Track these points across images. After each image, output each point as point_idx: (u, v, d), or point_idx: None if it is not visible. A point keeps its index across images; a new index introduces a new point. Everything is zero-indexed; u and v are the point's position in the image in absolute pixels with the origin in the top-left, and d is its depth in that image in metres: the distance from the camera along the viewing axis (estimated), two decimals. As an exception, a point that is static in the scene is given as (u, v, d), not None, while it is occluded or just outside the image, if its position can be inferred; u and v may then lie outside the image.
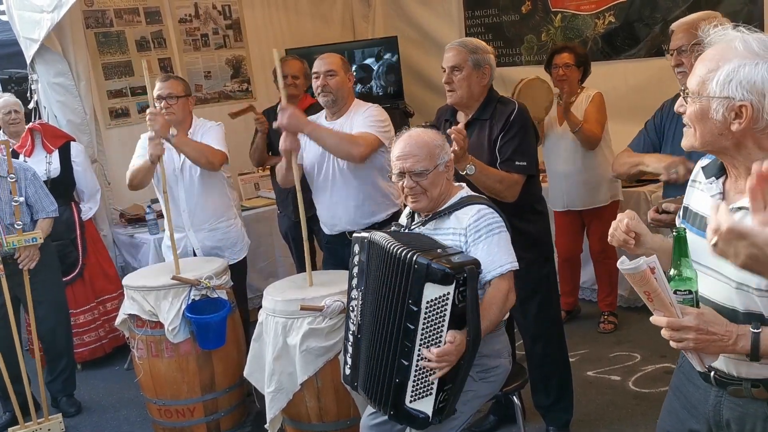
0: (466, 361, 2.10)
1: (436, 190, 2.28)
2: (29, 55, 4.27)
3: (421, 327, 2.07)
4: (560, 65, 3.88)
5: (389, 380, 2.15)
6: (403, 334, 2.10)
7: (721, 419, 1.54)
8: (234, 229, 3.65)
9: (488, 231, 2.21)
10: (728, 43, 1.39)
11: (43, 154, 4.06)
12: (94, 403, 3.89)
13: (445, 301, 2.05)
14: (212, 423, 3.32)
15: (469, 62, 2.73)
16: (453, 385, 2.12)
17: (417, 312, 2.06)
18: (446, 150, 2.30)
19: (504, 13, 5.33)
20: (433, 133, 2.33)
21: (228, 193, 3.67)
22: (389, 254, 2.16)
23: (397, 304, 2.12)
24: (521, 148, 2.70)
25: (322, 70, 3.07)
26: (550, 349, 2.98)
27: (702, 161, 1.63)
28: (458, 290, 2.03)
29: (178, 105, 3.40)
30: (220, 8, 5.40)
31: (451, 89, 2.75)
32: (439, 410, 2.12)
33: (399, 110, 5.42)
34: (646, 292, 1.39)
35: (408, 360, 2.10)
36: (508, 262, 2.22)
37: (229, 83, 5.46)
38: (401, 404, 2.13)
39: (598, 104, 3.89)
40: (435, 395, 2.10)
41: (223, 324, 3.19)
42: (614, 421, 3.20)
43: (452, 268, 2.02)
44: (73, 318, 4.17)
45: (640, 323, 4.18)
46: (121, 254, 4.60)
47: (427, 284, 2.04)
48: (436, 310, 2.07)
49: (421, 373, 2.11)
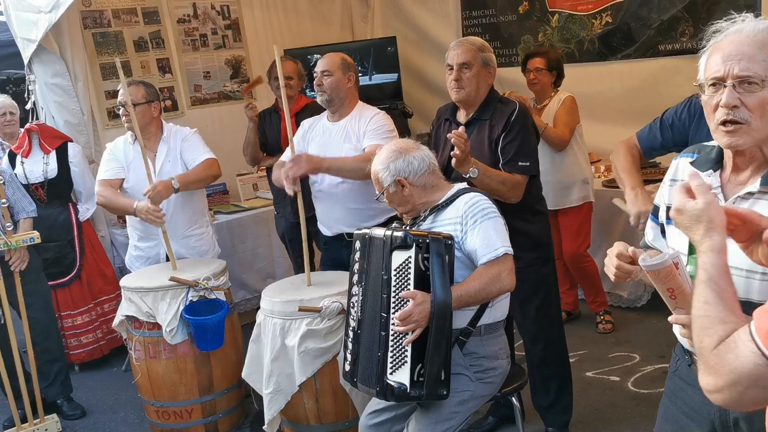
0: (435, 326, 2.10)
1: (402, 207, 2.38)
2: (27, 55, 4.27)
3: (393, 295, 2.15)
4: (532, 69, 3.99)
5: (375, 356, 2.19)
6: (381, 307, 2.18)
7: (728, 420, 1.52)
8: (206, 237, 3.65)
9: (483, 216, 2.24)
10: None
11: (40, 155, 4.05)
12: (91, 405, 3.87)
13: (408, 265, 2.14)
14: (210, 425, 3.32)
15: (479, 60, 2.73)
16: (427, 352, 2.11)
17: (388, 280, 2.16)
18: (392, 170, 2.32)
19: (501, 14, 5.33)
20: (380, 157, 2.38)
21: (203, 200, 3.68)
22: (381, 241, 2.22)
23: (381, 283, 2.18)
24: (523, 148, 2.70)
25: (319, 69, 3.09)
26: (549, 349, 2.98)
27: (683, 158, 1.61)
28: (421, 255, 2.11)
29: (137, 112, 3.31)
30: (218, 8, 5.39)
31: (460, 86, 2.73)
32: (418, 382, 2.12)
33: (397, 111, 5.41)
34: (669, 290, 1.36)
35: (385, 331, 2.16)
36: (503, 245, 2.23)
37: (229, 83, 5.46)
38: (383, 378, 2.16)
39: (568, 107, 3.96)
40: (410, 364, 2.12)
41: (221, 325, 3.18)
42: (613, 422, 3.20)
43: (414, 235, 2.13)
44: (71, 319, 4.17)
45: (639, 324, 4.19)
46: (118, 255, 4.58)
47: (394, 252, 2.16)
48: (402, 276, 2.15)
49: (396, 342, 2.15)
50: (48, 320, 3.68)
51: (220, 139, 4.88)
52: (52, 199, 4.05)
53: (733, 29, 1.40)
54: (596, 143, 4.67)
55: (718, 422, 1.55)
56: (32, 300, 3.44)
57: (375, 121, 3.06)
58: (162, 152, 3.48)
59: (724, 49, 1.39)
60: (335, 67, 3.08)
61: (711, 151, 1.56)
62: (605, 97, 4.72)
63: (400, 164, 2.33)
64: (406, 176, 2.32)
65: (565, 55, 4.94)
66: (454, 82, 2.74)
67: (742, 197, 1.44)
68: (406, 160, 2.34)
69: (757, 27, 1.38)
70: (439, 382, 2.14)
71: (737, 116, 1.38)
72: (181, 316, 3.13)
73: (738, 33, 1.39)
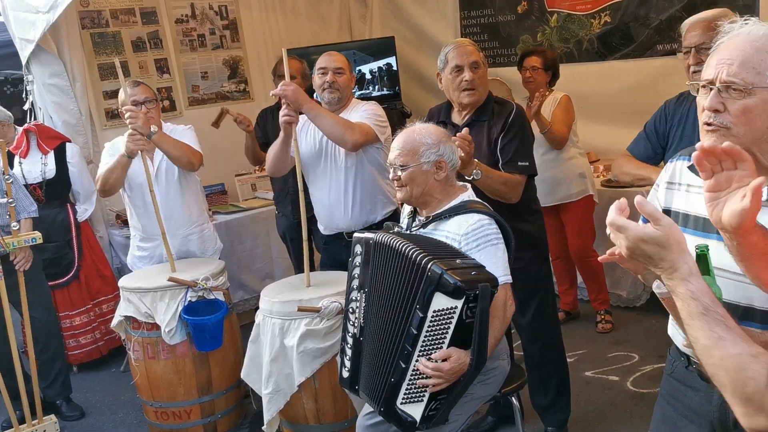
0: (465, 380, 2.07)
1: (418, 189, 2.26)
2: (24, 56, 4.25)
3: (424, 334, 2.05)
4: (528, 68, 4.00)
5: (386, 378, 2.15)
6: (406, 337, 2.08)
7: (728, 419, 1.51)
8: (207, 233, 3.65)
9: (487, 241, 2.18)
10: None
11: (38, 156, 4.03)
12: (90, 406, 3.87)
13: (451, 314, 2.01)
14: (209, 425, 3.31)
15: (483, 60, 2.74)
16: (447, 397, 2.10)
17: (423, 319, 2.03)
18: (440, 151, 2.25)
19: (500, 13, 5.33)
20: (427, 131, 2.29)
21: (202, 196, 3.68)
22: (402, 255, 2.11)
23: (405, 305, 2.09)
24: (522, 148, 2.70)
25: (332, 66, 3.05)
26: (548, 349, 2.98)
27: (680, 161, 1.59)
28: (467, 305, 1.98)
29: (156, 109, 3.40)
30: (216, 9, 5.38)
31: (473, 87, 2.69)
32: (428, 417, 2.11)
33: (396, 110, 5.41)
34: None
35: (406, 363, 2.09)
36: (504, 274, 2.18)
37: (227, 84, 5.45)
38: (392, 404, 2.13)
39: (565, 106, 3.97)
40: (426, 403, 2.09)
41: (219, 325, 3.18)
42: (612, 421, 3.20)
43: (464, 281, 1.96)
44: (69, 320, 4.16)
45: (638, 323, 4.19)
46: (117, 256, 4.58)
47: (437, 293, 2.00)
48: (441, 321, 2.03)
49: (415, 378, 2.09)
50: (49, 320, 3.67)
51: (218, 140, 4.87)
52: (50, 200, 4.04)
53: (735, 32, 1.38)
54: (595, 142, 4.68)
55: (717, 423, 1.53)
56: (33, 299, 3.44)
57: (367, 108, 3.07)
58: (160, 151, 3.47)
59: (721, 51, 1.38)
60: (346, 66, 3.09)
61: None
62: (604, 96, 4.72)
63: (448, 149, 2.27)
64: (447, 162, 2.27)
65: (564, 55, 4.95)
66: (466, 83, 2.68)
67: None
68: (452, 149, 2.29)
69: (756, 32, 1.36)
70: (446, 420, 2.16)
71: (717, 120, 1.37)
72: (179, 317, 3.13)
73: (737, 37, 1.37)
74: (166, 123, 3.56)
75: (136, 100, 3.32)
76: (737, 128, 1.36)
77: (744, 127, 1.35)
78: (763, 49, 1.34)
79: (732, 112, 1.36)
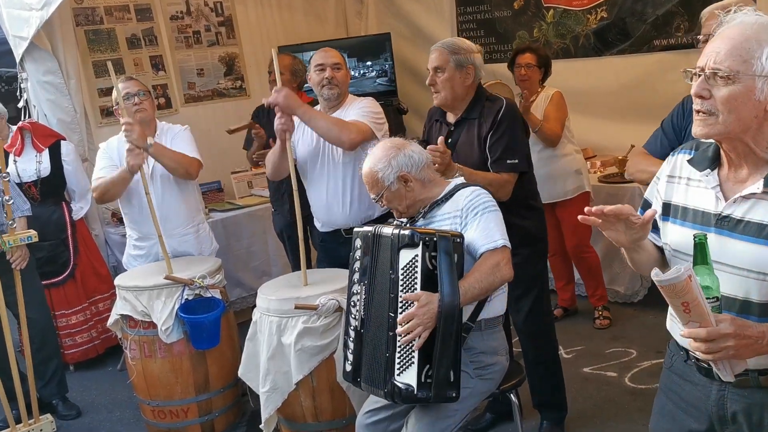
0: (443, 327, 2.06)
1: (402, 204, 2.32)
2: (18, 53, 4.23)
3: (400, 294, 2.12)
4: (522, 65, 3.97)
5: (382, 357, 2.17)
6: (388, 306, 2.14)
7: (726, 413, 1.52)
8: (203, 233, 3.63)
9: (484, 208, 2.23)
10: (761, 23, 1.38)
11: (33, 154, 4.01)
12: (86, 405, 3.85)
13: (414, 263, 2.10)
14: (206, 423, 3.30)
15: (450, 63, 2.72)
16: (435, 353, 2.08)
17: (395, 279, 2.13)
18: (394, 166, 2.28)
19: (496, 9, 5.32)
20: (375, 158, 2.32)
21: (198, 196, 3.67)
22: (389, 240, 2.18)
23: (390, 284, 2.15)
24: (511, 145, 2.70)
25: (329, 62, 3.04)
26: (544, 345, 2.99)
27: (681, 155, 1.60)
28: (428, 253, 2.07)
29: (148, 101, 3.39)
30: (212, 5, 5.36)
31: (436, 90, 2.76)
32: (425, 383, 2.08)
33: (392, 107, 5.40)
34: (684, 303, 1.32)
35: (393, 331, 2.13)
36: (502, 238, 2.21)
37: (223, 81, 5.43)
38: (391, 379, 2.13)
39: (557, 103, 3.96)
40: (417, 365, 2.09)
41: (216, 323, 3.17)
42: (610, 417, 3.20)
43: (421, 232, 2.09)
44: (65, 319, 4.15)
45: (635, 319, 4.19)
46: (113, 254, 4.56)
47: (401, 250, 2.12)
48: (409, 275, 2.11)
49: (402, 344, 2.11)
50: (44, 319, 3.66)
51: (215, 137, 4.86)
52: (45, 198, 4.02)
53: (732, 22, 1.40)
54: (591, 138, 4.67)
55: (715, 417, 1.54)
56: (29, 298, 3.42)
57: (364, 104, 3.06)
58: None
59: (714, 40, 1.41)
60: (342, 61, 3.10)
61: (708, 148, 1.55)
62: (600, 92, 4.71)
63: (402, 159, 2.30)
64: (409, 170, 2.29)
65: (561, 51, 4.94)
66: (431, 87, 2.77)
67: (744, 197, 1.44)
68: (406, 155, 2.31)
69: (748, 21, 1.38)
70: (448, 384, 2.11)
71: (704, 107, 1.41)
72: (176, 315, 3.12)
73: (729, 25, 1.40)
74: (161, 122, 3.54)
75: (129, 92, 3.31)
76: (723, 116, 1.39)
77: (729, 114, 1.38)
78: (752, 38, 1.36)
79: (717, 99, 1.39)
